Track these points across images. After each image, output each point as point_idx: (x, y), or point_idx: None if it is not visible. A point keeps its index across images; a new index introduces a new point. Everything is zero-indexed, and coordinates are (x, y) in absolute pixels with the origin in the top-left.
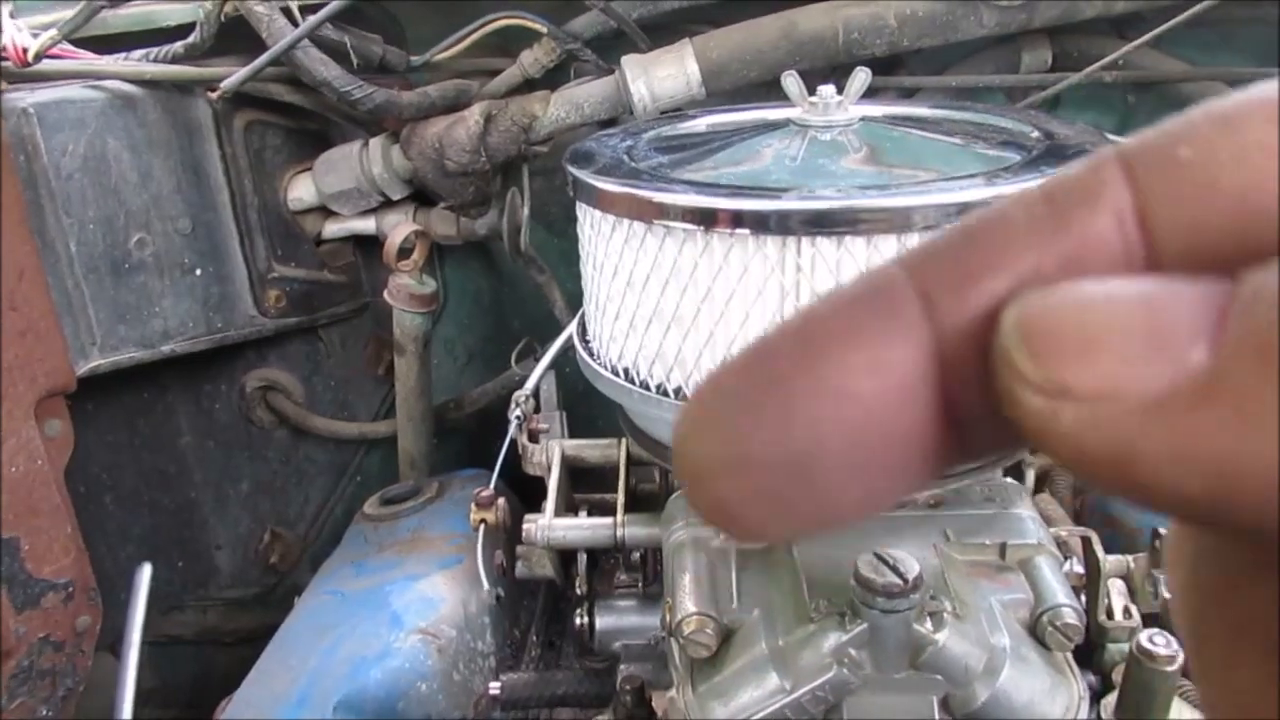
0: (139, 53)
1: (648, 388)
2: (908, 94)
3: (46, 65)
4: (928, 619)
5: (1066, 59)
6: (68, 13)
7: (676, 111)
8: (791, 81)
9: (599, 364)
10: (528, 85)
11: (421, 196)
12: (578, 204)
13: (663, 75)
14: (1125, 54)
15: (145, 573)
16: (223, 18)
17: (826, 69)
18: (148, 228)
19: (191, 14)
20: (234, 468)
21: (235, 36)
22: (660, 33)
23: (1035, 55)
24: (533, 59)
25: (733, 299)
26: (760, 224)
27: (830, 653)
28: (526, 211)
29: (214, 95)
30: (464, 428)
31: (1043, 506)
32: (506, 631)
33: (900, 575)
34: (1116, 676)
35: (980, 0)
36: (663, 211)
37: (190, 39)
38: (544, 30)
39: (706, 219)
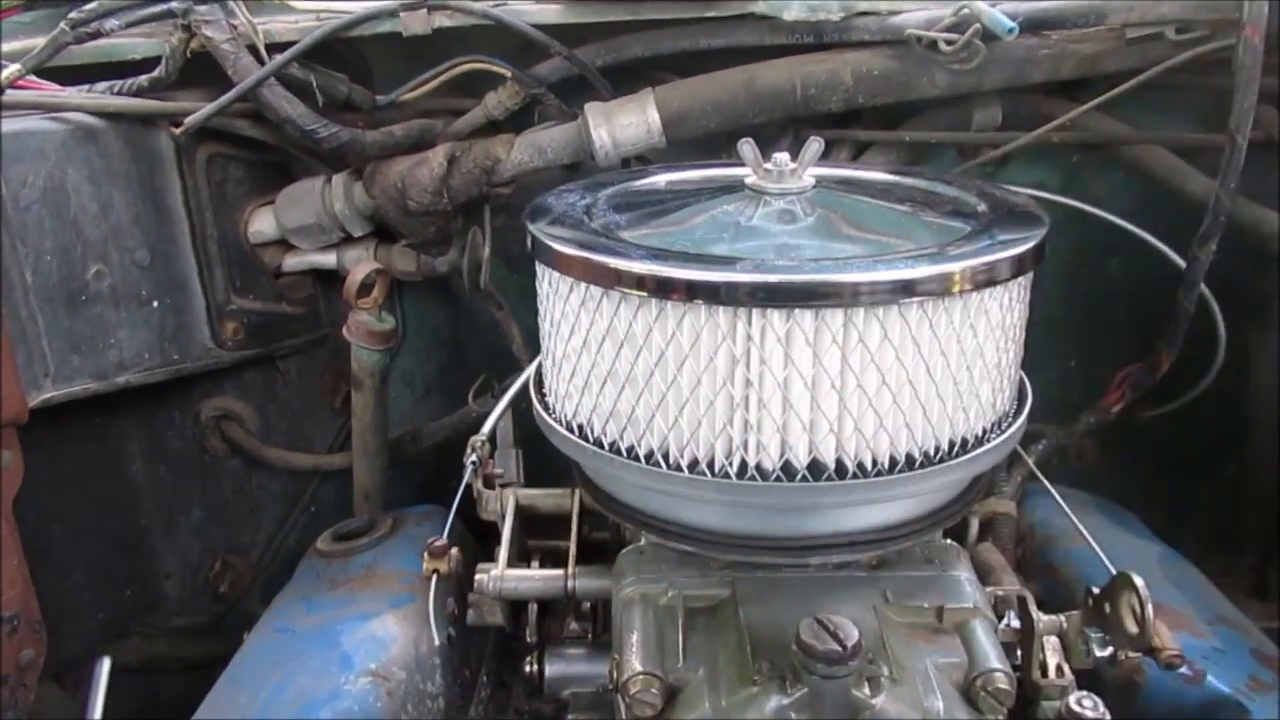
0: (103, 85)
1: (601, 445)
2: (862, 147)
3: (9, 96)
4: (865, 684)
5: (1017, 118)
6: (31, 42)
7: (639, 163)
8: (747, 148)
9: (554, 419)
10: (492, 126)
11: (383, 232)
12: (537, 262)
13: (624, 123)
14: (1073, 117)
15: (104, 666)
16: (188, 53)
17: (785, 121)
18: (105, 259)
19: (157, 48)
20: (186, 496)
21: (200, 69)
22: (628, 78)
23: (987, 114)
24: (497, 101)
25: (685, 364)
26: (713, 295)
27: (771, 715)
28: (488, 250)
29: (177, 131)
30: (422, 460)
31: (984, 555)
32: (457, 670)
33: (840, 642)
34: None
35: (933, 62)
36: (619, 278)
37: (155, 73)
38: (508, 74)
39: (662, 287)
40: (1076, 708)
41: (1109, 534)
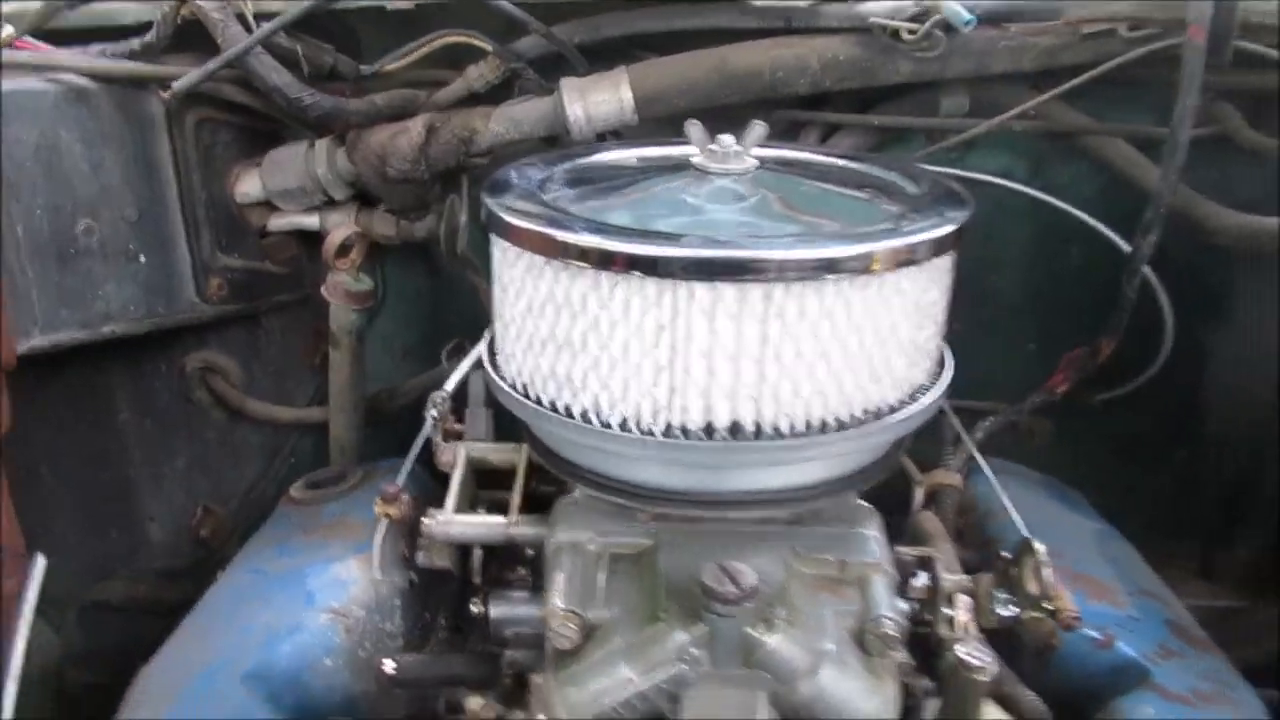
0: (96, 48)
1: (541, 403)
2: (831, 129)
3: (5, 56)
4: (761, 624)
5: (983, 106)
6: (28, 5)
7: (613, 138)
8: (694, 129)
9: (501, 378)
10: (472, 99)
11: (365, 196)
12: (489, 231)
13: (598, 100)
14: (1034, 106)
15: (40, 564)
16: (179, 20)
17: (757, 102)
18: (95, 215)
19: (149, 13)
20: (170, 445)
21: (192, 36)
22: (607, 55)
23: (954, 100)
24: (478, 74)
25: (616, 329)
26: (643, 267)
27: (673, 649)
28: (464, 218)
29: (166, 95)
30: (398, 417)
31: (925, 523)
32: (418, 613)
33: (737, 584)
34: None
35: (896, 50)
36: (561, 249)
37: (147, 37)
38: (490, 49)
39: (597, 258)
40: (966, 657)
41: (1048, 508)
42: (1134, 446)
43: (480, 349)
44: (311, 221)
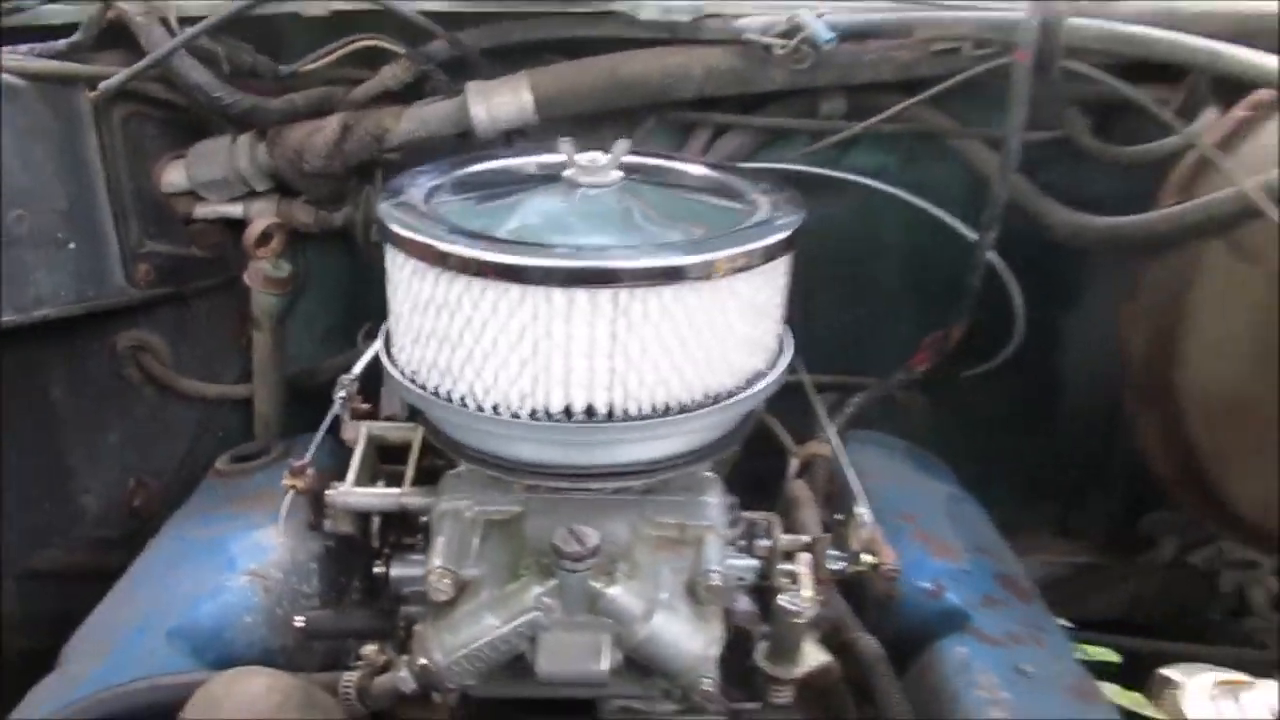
0: (25, 47)
1: (426, 389)
2: (721, 129)
3: None
4: (604, 577)
5: (860, 108)
6: None
7: (519, 137)
8: (565, 145)
9: (394, 366)
10: (386, 97)
11: (285, 187)
12: (381, 239)
13: (500, 101)
14: (902, 109)
15: None
16: (105, 22)
17: (650, 106)
18: (26, 206)
19: (77, 14)
20: (104, 421)
21: (121, 36)
22: (517, 58)
23: (832, 104)
24: (391, 74)
25: (487, 327)
26: (510, 275)
27: (530, 601)
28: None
29: (93, 95)
30: (319, 394)
31: (796, 490)
32: (334, 577)
33: (581, 544)
34: None
35: (770, 62)
36: (441, 258)
37: (75, 37)
38: (401, 52)
39: (471, 266)
40: (785, 604)
41: (908, 474)
42: (999, 419)
43: (381, 338)
44: (235, 210)
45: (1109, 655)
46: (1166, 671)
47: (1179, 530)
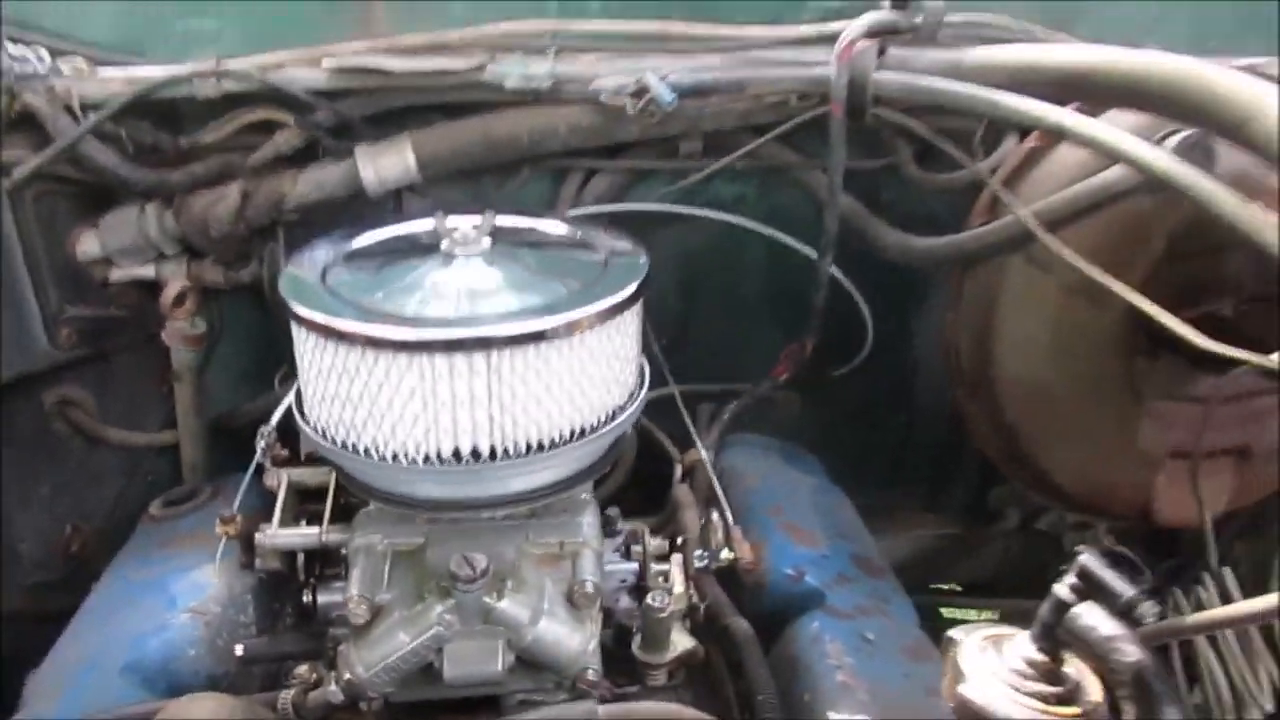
0: None
1: (334, 442)
2: (589, 175)
3: None
4: (494, 593)
5: (716, 146)
6: None
7: (409, 193)
8: (438, 219)
9: (305, 423)
10: (281, 161)
11: (194, 249)
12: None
13: (387, 163)
14: (750, 150)
15: None
16: (13, 113)
17: (522, 160)
18: None
19: None
20: (35, 473)
21: (25, 121)
22: (403, 118)
23: (690, 145)
24: (285, 140)
25: (382, 389)
26: (396, 346)
27: (434, 619)
28: (284, 263)
29: (7, 185)
30: (242, 434)
31: (679, 495)
32: (268, 605)
33: (472, 568)
34: None
35: (625, 117)
36: (338, 335)
37: None
38: (290, 122)
39: (364, 341)
40: (650, 601)
41: (779, 470)
42: (865, 413)
43: (294, 390)
44: (148, 273)
45: (971, 616)
46: (951, 633)
47: (1018, 501)
